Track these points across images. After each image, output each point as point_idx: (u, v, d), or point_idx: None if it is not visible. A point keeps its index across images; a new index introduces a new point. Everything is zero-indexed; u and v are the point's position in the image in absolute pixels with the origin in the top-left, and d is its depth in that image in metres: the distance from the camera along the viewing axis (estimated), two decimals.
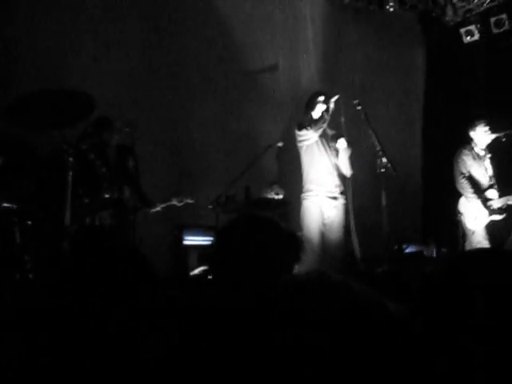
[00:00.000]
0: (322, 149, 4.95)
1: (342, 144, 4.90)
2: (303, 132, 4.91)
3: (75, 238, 3.85)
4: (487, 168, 5.57)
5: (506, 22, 6.97)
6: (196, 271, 4.93)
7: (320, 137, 4.92)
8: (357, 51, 7.21)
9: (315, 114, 4.95)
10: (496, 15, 7.05)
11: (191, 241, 5.54)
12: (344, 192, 4.96)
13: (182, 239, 5.53)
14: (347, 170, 4.96)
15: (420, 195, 7.65)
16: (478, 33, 7.23)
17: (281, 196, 5.64)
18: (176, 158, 5.98)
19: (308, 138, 4.90)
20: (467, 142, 5.58)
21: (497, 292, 0.93)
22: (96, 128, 4.48)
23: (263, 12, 6.58)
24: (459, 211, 5.49)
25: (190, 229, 5.60)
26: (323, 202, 4.87)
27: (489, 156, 5.59)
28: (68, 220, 3.71)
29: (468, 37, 7.32)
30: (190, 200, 4.85)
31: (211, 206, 5.12)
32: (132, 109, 5.43)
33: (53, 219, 3.94)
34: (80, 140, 4.34)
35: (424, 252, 6.04)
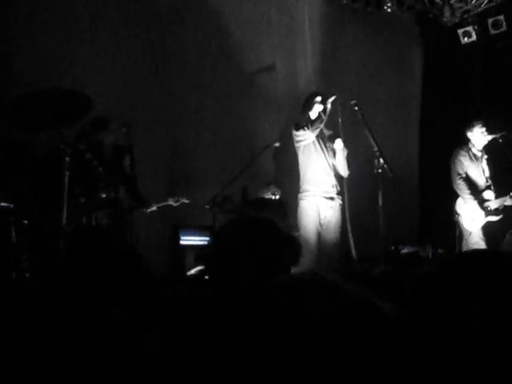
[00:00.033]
0: (319, 149, 4.96)
1: (339, 144, 4.91)
2: (300, 132, 4.92)
3: (72, 238, 3.85)
4: (484, 169, 5.58)
5: (504, 23, 6.99)
6: (193, 271, 4.93)
7: (317, 137, 4.92)
8: (354, 52, 7.22)
9: (312, 115, 4.95)
10: (493, 16, 7.07)
11: (188, 241, 5.54)
12: (341, 192, 4.96)
13: (179, 239, 5.53)
14: (344, 171, 4.97)
15: (416, 196, 7.67)
16: (476, 34, 7.25)
17: (277, 196, 5.64)
18: (173, 158, 5.98)
19: (305, 139, 4.91)
20: (464, 143, 5.59)
21: (492, 293, 0.94)
22: (92, 128, 4.49)
23: (260, 12, 6.59)
24: (456, 212, 5.49)
25: (187, 229, 5.60)
26: (320, 203, 4.88)
27: (486, 157, 5.60)
28: (64, 219, 3.70)
29: (465, 38, 7.33)
30: (186, 200, 4.87)
31: (208, 206, 5.13)
32: (129, 109, 5.43)
33: (49, 219, 3.93)
34: (77, 140, 4.34)
35: (420, 252, 6.05)
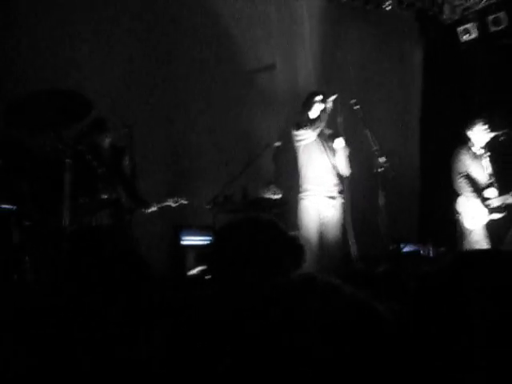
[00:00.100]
0: (320, 148, 4.95)
1: (340, 143, 4.91)
2: (301, 132, 4.92)
3: (73, 239, 3.85)
4: (486, 167, 5.57)
5: (504, 20, 6.97)
6: (194, 271, 4.93)
7: (317, 136, 4.92)
8: (354, 50, 7.21)
9: (312, 114, 4.95)
10: (494, 13, 7.05)
11: (189, 241, 5.54)
12: (342, 191, 4.96)
13: (180, 239, 5.52)
14: (345, 170, 4.97)
15: (417, 194, 7.66)
16: (476, 31, 7.23)
17: (278, 196, 5.64)
18: (173, 158, 5.98)
19: (305, 138, 4.91)
20: (465, 141, 5.57)
21: (493, 293, 0.93)
22: (90, 129, 4.50)
23: (259, 11, 6.58)
24: (457, 211, 5.49)
25: (188, 229, 5.59)
26: (321, 202, 4.88)
27: (487, 155, 5.59)
28: (66, 221, 3.71)
29: (465, 35, 7.31)
30: (185, 201, 4.88)
31: (209, 206, 5.13)
32: (129, 109, 5.43)
33: (51, 220, 3.94)
34: (77, 141, 4.34)
35: (421, 251, 6.04)
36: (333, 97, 4.84)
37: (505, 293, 0.94)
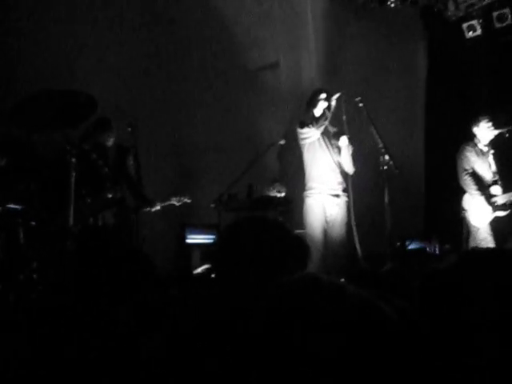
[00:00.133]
0: (324, 146, 4.95)
1: (344, 141, 4.90)
2: (305, 130, 4.92)
3: (79, 238, 3.87)
4: (491, 164, 5.55)
5: (509, 17, 6.94)
6: (199, 270, 4.94)
7: (322, 134, 4.92)
8: (358, 48, 7.19)
9: (317, 112, 4.95)
10: (498, 9, 7.01)
11: (194, 239, 5.55)
12: (346, 189, 4.96)
13: (185, 238, 5.53)
14: (349, 168, 4.97)
15: (423, 192, 7.64)
16: (481, 28, 7.20)
17: (283, 194, 5.64)
18: (177, 157, 5.99)
19: (310, 136, 4.91)
20: (470, 139, 5.55)
21: (498, 291, 0.93)
22: (95, 128, 4.52)
23: (263, 9, 6.57)
24: (463, 208, 5.47)
25: (193, 227, 5.61)
26: (326, 200, 4.87)
27: (492, 152, 5.57)
28: (71, 220, 3.73)
29: (470, 32, 7.28)
30: (188, 200, 4.90)
31: (213, 205, 5.13)
32: (133, 109, 5.44)
33: (56, 219, 3.96)
34: (82, 140, 4.36)
35: (427, 249, 6.03)
36: (337, 94, 4.83)
37: (509, 291, 0.94)
